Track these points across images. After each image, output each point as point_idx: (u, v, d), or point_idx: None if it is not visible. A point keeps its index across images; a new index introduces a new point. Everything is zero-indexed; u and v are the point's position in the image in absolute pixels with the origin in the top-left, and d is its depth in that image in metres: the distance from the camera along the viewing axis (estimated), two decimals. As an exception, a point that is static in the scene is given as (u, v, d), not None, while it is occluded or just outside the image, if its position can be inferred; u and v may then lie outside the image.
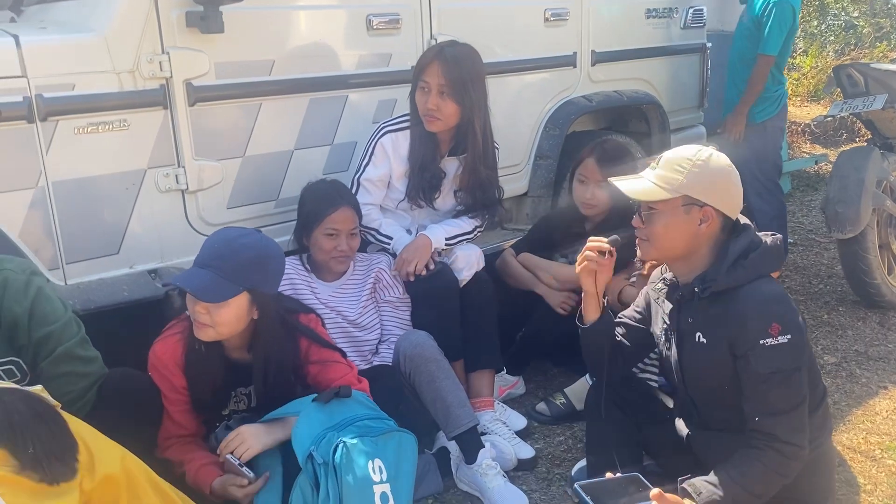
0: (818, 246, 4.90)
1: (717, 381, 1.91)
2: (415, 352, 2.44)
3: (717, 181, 1.89)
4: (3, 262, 1.96)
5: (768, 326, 1.77)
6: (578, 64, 3.70)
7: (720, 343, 1.87)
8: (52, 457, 1.51)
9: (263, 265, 2.06)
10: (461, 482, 2.46)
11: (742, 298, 1.84)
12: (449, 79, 2.59)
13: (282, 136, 2.74)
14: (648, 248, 1.97)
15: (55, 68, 2.23)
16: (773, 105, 4.15)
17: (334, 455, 1.89)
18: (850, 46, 9.50)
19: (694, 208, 1.88)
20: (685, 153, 1.92)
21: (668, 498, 1.71)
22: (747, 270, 1.85)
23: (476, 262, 2.80)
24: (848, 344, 3.53)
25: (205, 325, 2.03)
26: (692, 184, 1.87)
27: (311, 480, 1.90)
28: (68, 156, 2.28)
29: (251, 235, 2.10)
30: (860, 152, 3.91)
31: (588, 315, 2.16)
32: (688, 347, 1.96)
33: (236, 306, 2.03)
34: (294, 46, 2.72)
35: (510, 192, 3.54)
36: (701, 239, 1.91)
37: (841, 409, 2.95)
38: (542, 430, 2.83)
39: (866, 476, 2.53)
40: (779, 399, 1.78)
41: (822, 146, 7.38)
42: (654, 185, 1.90)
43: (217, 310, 2.01)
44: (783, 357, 1.77)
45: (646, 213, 1.94)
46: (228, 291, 2.00)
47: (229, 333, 2.09)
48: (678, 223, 1.89)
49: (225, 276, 1.99)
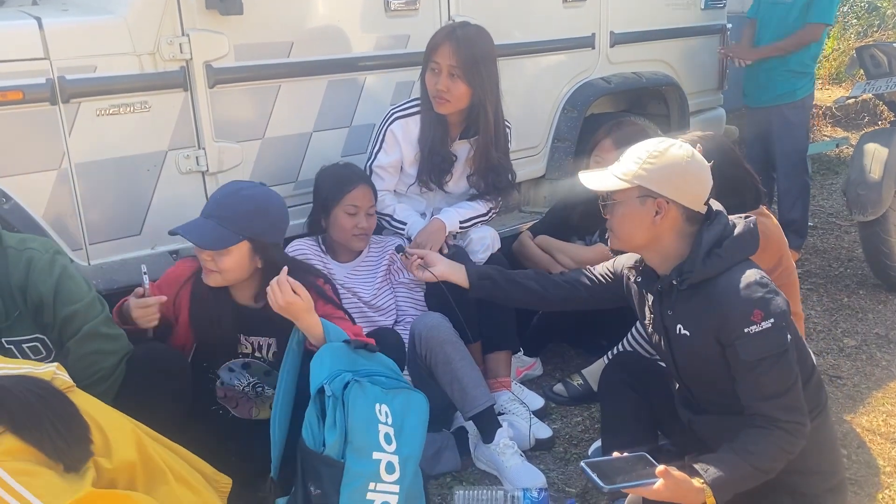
0: (838, 229, 4.85)
1: (708, 370, 1.92)
2: (430, 334, 2.46)
3: (671, 173, 1.88)
4: (28, 241, 1.99)
5: (750, 314, 1.78)
6: (597, 45, 3.67)
7: (706, 334, 1.87)
8: (67, 442, 1.52)
9: (263, 215, 2.13)
10: (479, 461, 2.48)
11: (721, 288, 1.83)
12: (460, 59, 2.58)
13: (300, 118, 2.75)
14: (613, 239, 2.01)
15: (77, 50, 2.25)
16: (810, 81, 4.14)
17: (344, 390, 1.94)
18: (874, 28, 9.34)
19: (649, 200, 1.89)
20: (645, 146, 1.93)
21: (675, 475, 1.72)
22: (723, 258, 1.85)
23: (491, 244, 2.80)
24: (868, 327, 3.50)
25: (211, 272, 2.13)
26: (646, 175, 1.88)
27: (318, 411, 1.95)
28: (91, 137, 2.31)
29: (253, 188, 2.18)
30: (882, 134, 3.86)
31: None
32: (674, 341, 1.98)
33: (238, 254, 2.11)
34: (312, 28, 2.73)
35: (528, 174, 3.54)
36: (660, 230, 1.91)
37: (861, 391, 2.94)
38: (560, 411, 2.85)
39: (886, 458, 2.52)
40: (772, 383, 1.79)
41: (843, 129, 7.28)
42: (613, 176, 1.93)
43: (220, 257, 2.10)
44: (769, 342, 1.78)
45: (608, 205, 1.97)
46: (228, 239, 2.08)
47: (234, 280, 2.16)
48: (634, 214, 1.90)
49: (225, 225, 2.08)
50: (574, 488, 2.40)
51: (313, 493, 1.90)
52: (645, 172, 1.88)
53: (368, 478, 1.91)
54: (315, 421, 1.94)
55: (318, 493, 1.89)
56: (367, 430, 1.93)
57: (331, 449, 1.90)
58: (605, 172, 1.98)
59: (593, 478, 1.74)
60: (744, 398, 1.84)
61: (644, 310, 2.07)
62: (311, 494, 1.90)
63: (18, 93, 2.16)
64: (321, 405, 1.94)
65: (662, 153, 1.89)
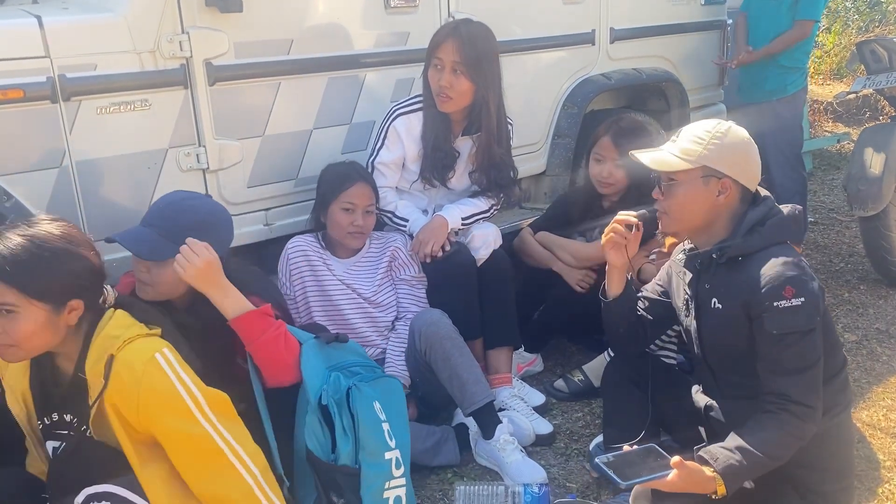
0: (839, 224, 4.85)
1: (734, 347, 1.93)
2: (430, 330, 2.47)
3: (735, 152, 1.92)
4: None
5: (782, 289, 1.80)
6: (597, 41, 3.67)
7: (736, 307, 1.90)
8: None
9: (206, 229, 2.05)
10: (480, 457, 2.49)
11: (757, 263, 1.87)
12: (463, 56, 2.59)
13: (301, 115, 2.75)
14: (668, 221, 2.00)
15: (77, 48, 2.25)
16: (802, 76, 4.13)
17: (348, 398, 2.00)
18: (875, 23, 9.32)
19: (713, 179, 1.91)
20: (704, 126, 1.95)
21: (689, 465, 1.73)
22: (763, 237, 1.89)
23: (493, 241, 2.80)
24: (869, 322, 3.50)
25: (144, 284, 2.05)
26: (711, 155, 1.90)
27: (320, 419, 1.98)
28: (91, 135, 2.31)
29: (198, 199, 2.14)
30: (883, 129, 3.86)
31: (612, 289, 2.19)
32: (705, 314, 1.99)
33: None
34: (312, 25, 2.73)
35: (528, 171, 3.54)
36: (719, 210, 1.94)
37: (861, 386, 2.94)
38: (561, 407, 2.85)
39: (886, 452, 2.52)
40: (792, 359, 1.80)
41: (844, 125, 7.27)
42: (674, 156, 1.94)
43: (157, 269, 2.02)
44: (796, 319, 1.79)
45: (666, 185, 1.97)
46: (165, 251, 2.00)
47: (168, 294, 2.06)
48: (697, 194, 1.92)
49: (164, 236, 2.01)
50: (575, 483, 2.41)
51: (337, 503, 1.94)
52: (710, 152, 1.90)
53: (384, 478, 1.98)
54: (319, 429, 1.97)
55: (342, 501, 1.95)
56: (375, 435, 1.99)
57: (345, 457, 1.95)
58: (662, 152, 1.97)
59: (610, 475, 1.75)
60: (762, 372, 1.85)
61: (680, 292, 2.08)
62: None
63: (19, 91, 2.16)
64: (322, 413, 1.98)
65: (725, 133, 1.92)
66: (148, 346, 1.70)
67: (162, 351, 1.68)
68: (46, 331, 1.67)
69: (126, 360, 1.65)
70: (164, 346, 1.71)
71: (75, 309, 1.70)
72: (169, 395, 1.65)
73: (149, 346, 1.70)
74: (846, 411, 1.99)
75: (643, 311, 2.23)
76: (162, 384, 1.65)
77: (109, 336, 1.70)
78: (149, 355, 1.66)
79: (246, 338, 2.01)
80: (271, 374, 2.03)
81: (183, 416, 1.65)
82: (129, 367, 1.64)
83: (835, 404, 1.91)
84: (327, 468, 1.96)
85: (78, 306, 1.70)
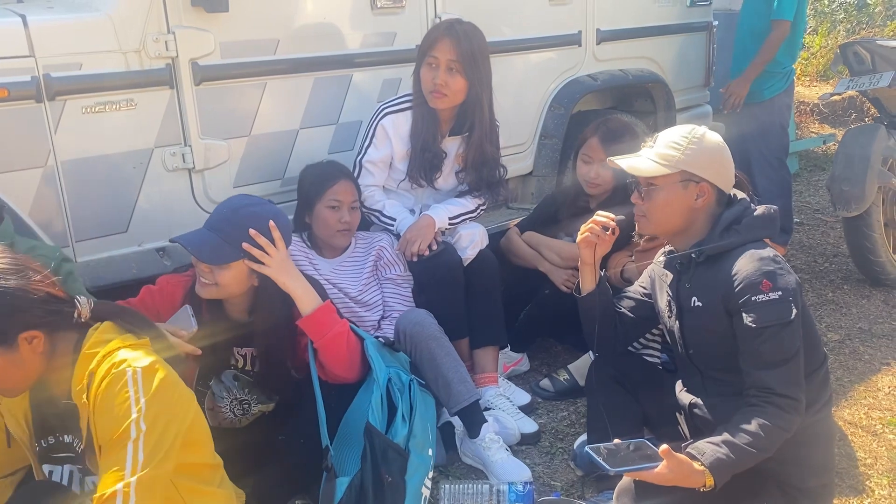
0: (824, 225, 4.89)
1: (716, 344, 1.96)
2: (414, 329, 2.47)
3: (711, 157, 1.99)
4: (37, 248, 2.01)
5: (759, 284, 1.84)
6: (583, 43, 3.69)
7: (715, 304, 1.93)
8: None
9: (268, 235, 2.08)
10: (465, 456, 2.50)
11: (734, 260, 1.91)
12: (460, 54, 2.61)
13: (287, 115, 2.76)
14: (646, 224, 2.06)
15: (62, 48, 2.25)
16: (781, 81, 4.14)
17: (410, 390, 2.15)
18: (862, 26, 9.40)
19: (691, 184, 1.97)
20: (681, 131, 2.01)
21: (677, 456, 1.74)
22: (740, 234, 1.94)
23: (480, 241, 2.82)
24: (852, 321, 3.54)
25: (206, 284, 2.09)
26: (688, 160, 1.96)
27: (383, 397, 2.10)
28: (76, 135, 2.31)
29: (260, 205, 2.16)
30: (866, 130, 3.89)
31: (585, 284, 2.26)
32: (687, 314, 2.03)
33: (237, 270, 2.08)
34: (299, 25, 2.74)
35: (515, 171, 3.55)
36: (697, 212, 2.00)
37: (843, 385, 2.97)
38: (546, 406, 2.87)
39: (866, 450, 2.55)
40: (771, 352, 1.84)
41: (830, 126, 7.33)
42: (653, 162, 1.99)
43: (219, 271, 2.07)
44: (774, 312, 1.83)
45: (645, 190, 2.02)
46: (228, 255, 2.06)
47: (229, 295, 2.13)
48: (676, 198, 1.98)
49: (227, 240, 2.06)
50: (559, 482, 2.43)
51: (387, 481, 2.00)
52: (687, 157, 1.96)
53: (425, 471, 2.08)
54: (379, 406, 2.08)
55: (390, 480, 2.01)
56: (424, 429, 2.10)
57: (400, 440, 2.05)
58: (640, 158, 2.03)
59: (599, 461, 1.77)
60: (744, 368, 1.88)
61: (663, 294, 2.12)
62: (386, 481, 2.00)
63: (3, 90, 2.16)
64: (387, 393, 2.13)
65: (701, 138, 1.98)
66: (126, 357, 1.57)
67: (135, 368, 1.55)
68: (12, 368, 1.58)
69: (100, 372, 1.56)
70: (139, 361, 1.57)
71: (31, 340, 1.58)
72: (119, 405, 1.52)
73: (126, 359, 1.57)
74: (827, 408, 2.02)
75: (626, 309, 2.25)
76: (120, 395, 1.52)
77: (88, 354, 1.62)
78: (121, 368, 1.55)
79: (317, 332, 2.12)
80: (335, 370, 2.16)
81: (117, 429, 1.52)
82: (100, 377, 1.55)
83: (816, 400, 1.93)
84: (385, 442, 2.04)
85: (32, 336, 1.58)
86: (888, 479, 2.40)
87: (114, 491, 1.47)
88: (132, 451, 1.50)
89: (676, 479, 1.75)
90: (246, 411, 2.28)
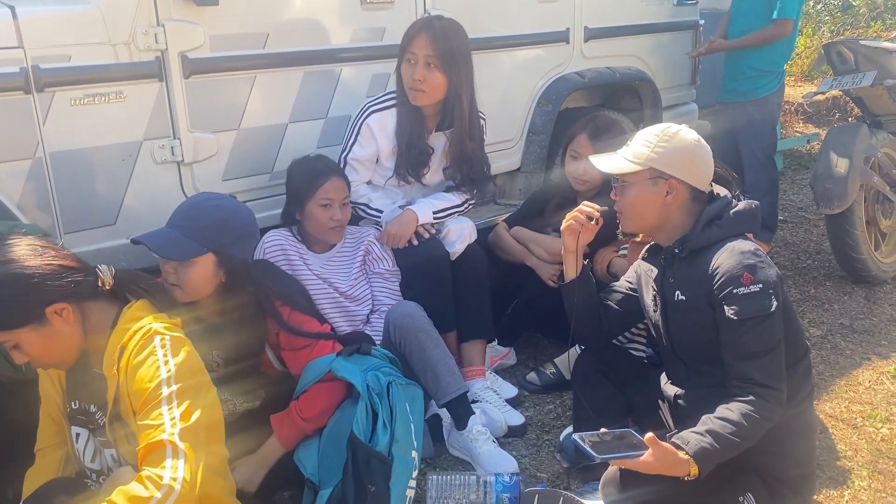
0: (808, 223, 4.95)
1: (700, 337, 2.00)
2: (404, 322, 2.49)
3: (682, 154, 2.01)
4: (18, 227, 2.02)
5: (740, 276, 1.88)
6: (571, 40, 3.72)
7: (698, 297, 1.97)
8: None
9: (230, 228, 2.08)
10: (453, 448, 2.52)
11: (716, 253, 1.95)
12: (437, 49, 2.62)
13: (276, 109, 2.76)
14: (624, 220, 2.10)
15: (51, 39, 2.25)
16: (775, 80, 4.18)
17: (388, 392, 2.12)
18: (846, 27, 9.48)
19: (660, 181, 2.01)
20: (654, 129, 2.05)
21: (662, 445, 1.77)
22: (722, 229, 1.98)
23: (468, 235, 2.84)
24: (834, 317, 3.59)
25: (173, 286, 2.05)
26: (658, 157, 2.00)
27: (367, 407, 2.08)
28: (65, 127, 2.31)
29: (222, 199, 2.15)
30: (849, 129, 3.94)
31: (568, 272, 2.29)
32: (671, 307, 2.06)
33: (202, 266, 2.05)
34: (288, 20, 2.74)
35: (503, 167, 3.57)
36: (669, 209, 2.03)
37: (825, 379, 3.01)
38: (533, 399, 2.90)
39: (847, 443, 2.60)
40: (753, 343, 1.87)
41: (814, 125, 7.40)
42: (625, 159, 2.04)
43: (183, 269, 2.04)
44: (755, 304, 1.87)
45: (618, 186, 2.07)
46: (191, 250, 2.02)
47: (196, 295, 2.08)
48: (646, 194, 2.02)
49: (189, 236, 2.03)
50: (545, 473, 2.45)
51: (370, 490, 2.00)
52: (657, 155, 1.99)
53: (408, 475, 2.06)
54: (364, 416, 2.06)
55: (374, 489, 2.00)
56: (406, 431, 2.09)
57: (382, 448, 2.04)
58: (615, 156, 2.08)
59: (585, 448, 1.79)
60: (727, 359, 1.92)
61: (648, 289, 2.15)
62: (369, 491, 1.99)
63: (-8, 81, 2.16)
64: (369, 402, 2.09)
65: (672, 136, 2.01)
66: (155, 328, 1.66)
67: (163, 335, 1.64)
68: (52, 342, 1.66)
69: (131, 346, 1.64)
70: (168, 332, 1.66)
71: (61, 312, 1.65)
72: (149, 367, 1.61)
73: (155, 328, 1.66)
74: (808, 399, 2.05)
75: (613, 303, 2.28)
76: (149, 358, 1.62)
77: (121, 329, 1.68)
78: (150, 335, 1.64)
79: (296, 426, 2.14)
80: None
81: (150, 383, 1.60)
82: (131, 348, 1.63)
83: (797, 392, 1.97)
84: (368, 451, 2.03)
85: (61, 308, 1.65)
86: (868, 470, 2.44)
87: (160, 440, 1.54)
88: (167, 409, 1.58)
89: (661, 468, 1.78)
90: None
